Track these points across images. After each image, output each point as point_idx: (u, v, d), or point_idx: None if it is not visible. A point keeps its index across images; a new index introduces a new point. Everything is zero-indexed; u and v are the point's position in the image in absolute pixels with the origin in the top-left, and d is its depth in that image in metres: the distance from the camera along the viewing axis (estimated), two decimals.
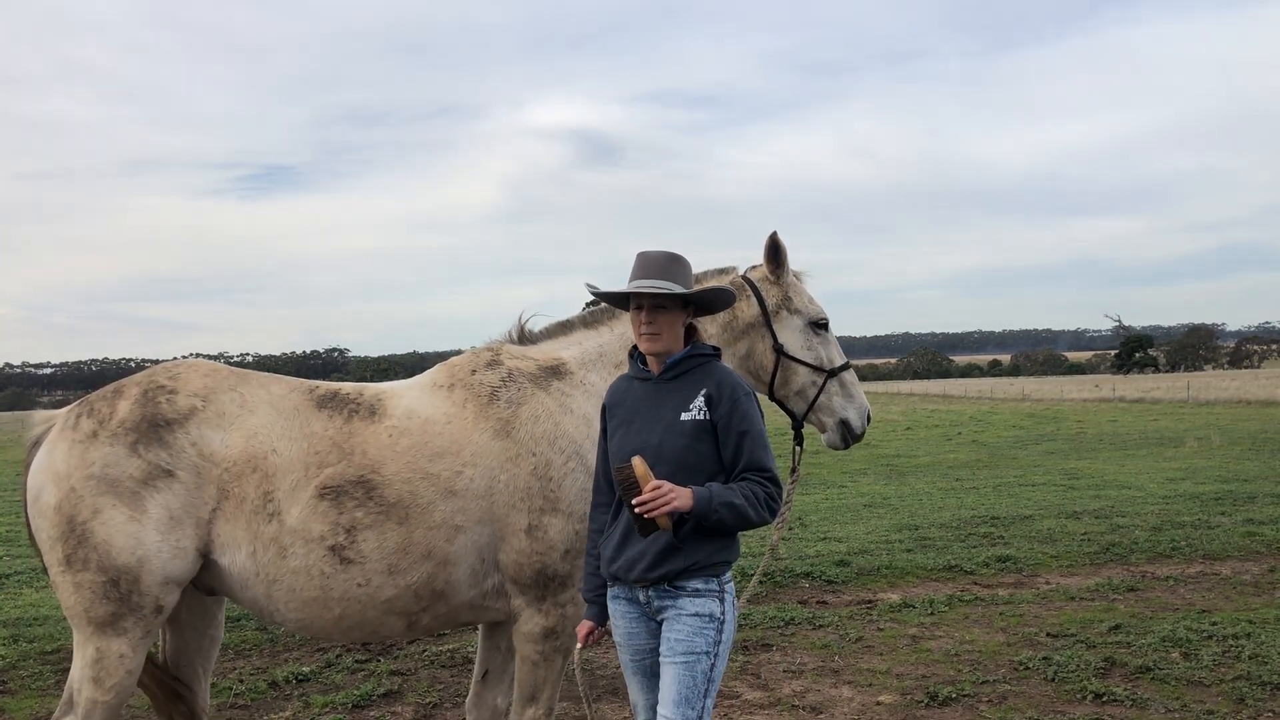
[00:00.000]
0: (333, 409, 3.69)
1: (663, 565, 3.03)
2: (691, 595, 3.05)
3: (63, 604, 3.53)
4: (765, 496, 3.03)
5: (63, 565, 3.47)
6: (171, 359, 5.57)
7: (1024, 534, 10.58)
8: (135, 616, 3.46)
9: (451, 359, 4.00)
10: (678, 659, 3.01)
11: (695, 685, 3.00)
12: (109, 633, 3.46)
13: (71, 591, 3.47)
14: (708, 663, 3.03)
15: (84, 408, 3.64)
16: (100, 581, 3.42)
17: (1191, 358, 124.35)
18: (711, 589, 3.08)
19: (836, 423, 4.08)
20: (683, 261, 3.23)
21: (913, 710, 5.39)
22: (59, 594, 3.53)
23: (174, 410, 3.55)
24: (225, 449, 3.53)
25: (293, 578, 3.49)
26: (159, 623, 3.56)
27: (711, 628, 3.05)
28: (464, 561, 3.60)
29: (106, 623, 3.45)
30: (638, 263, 3.21)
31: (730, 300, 3.36)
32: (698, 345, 3.24)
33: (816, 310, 4.09)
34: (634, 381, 3.26)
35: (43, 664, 6.61)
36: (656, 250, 3.22)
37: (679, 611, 3.05)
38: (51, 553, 3.50)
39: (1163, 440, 23.38)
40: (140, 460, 3.46)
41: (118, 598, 3.42)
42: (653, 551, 3.03)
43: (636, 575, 3.06)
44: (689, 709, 2.97)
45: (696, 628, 3.03)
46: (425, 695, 5.83)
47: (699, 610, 3.04)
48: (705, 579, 3.07)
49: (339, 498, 3.51)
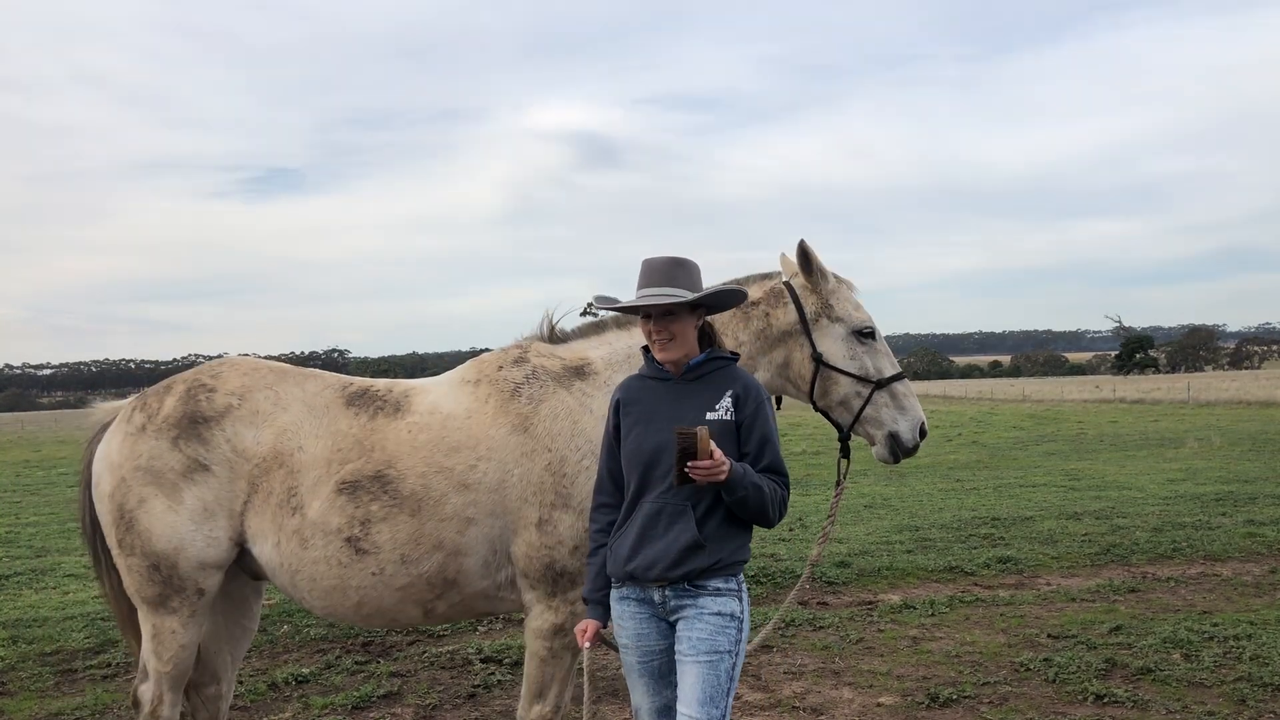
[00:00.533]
0: (360, 406, 3.85)
1: (686, 564, 3.03)
2: (713, 594, 3.06)
3: (124, 584, 3.88)
4: (781, 498, 3.11)
5: (117, 549, 3.80)
6: (171, 360, 5.58)
7: (1025, 535, 10.57)
8: (180, 598, 3.75)
9: (482, 355, 4.07)
10: (701, 658, 3.01)
11: (719, 684, 3.00)
12: (161, 611, 3.77)
13: (126, 573, 3.81)
14: (730, 661, 3.03)
15: (140, 401, 3.93)
16: (145, 565, 3.73)
17: (1192, 358, 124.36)
18: (731, 588, 3.09)
19: (885, 435, 3.91)
20: (687, 265, 3.23)
21: (913, 711, 5.38)
22: (121, 575, 3.86)
23: (212, 408, 3.79)
24: (257, 445, 3.75)
25: (313, 567, 3.68)
26: (205, 604, 3.83)
27: (733, 626, 3.06)
28: (475, 552, 3.69)
29: (157, 602, 3.77)
30: (643, 271, 3.22)
31: (738, 298, 3.36)
32: (716, 350, 3.27)
33: (861, 318, 3.94)
34: (649, 380, 3.27)
35: (42, 665, 6.60)
36: (660, 256, 3.22)
37: (700, 610, 3.04)
38: (110, 536, 3.83)
39: (1163, 441, 23.37)
40: (180, 454, 3.73)
41: (161, 580, 3.72)
42: (676, 549, 3.03)
43: (657, 574, 3.05)
44: (714, 708, 2.98)
45: (719, 626, 3.03)
46: (425, 696, 5.82)
47: (721, 609, 3.05)
48: (725, 578, 3.08)
49: (356, 492, 3.67)
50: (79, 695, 5.95)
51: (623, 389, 3.33)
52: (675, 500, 3.06)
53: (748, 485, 2.99)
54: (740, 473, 2.98)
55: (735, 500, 3.01)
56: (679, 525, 3.05)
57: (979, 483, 15.95)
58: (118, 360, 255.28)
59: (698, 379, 3.19)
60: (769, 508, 3.05)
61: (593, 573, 3.29)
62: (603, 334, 4.01)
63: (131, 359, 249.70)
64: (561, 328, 4.08)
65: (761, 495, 3.02)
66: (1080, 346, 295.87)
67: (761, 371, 3.98)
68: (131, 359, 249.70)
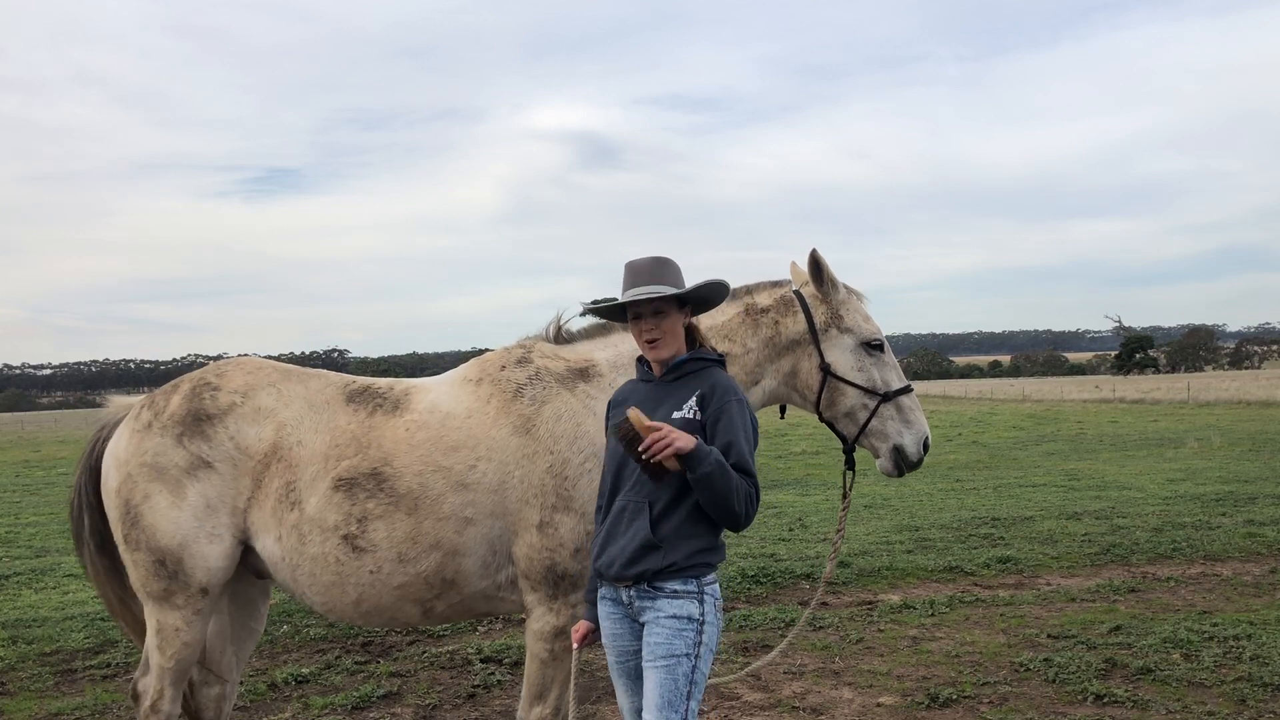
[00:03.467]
0: (359, 403, 3.86)
1: (639, 563, 3.03)
2: (670, 597, 3.05)
3: (130, 578, 3.91)
4: (748, 494, 3.00)
5: (124, 544, 3.82)
6: (170, 360, 5.62)
7: (1024, 535, 10.57)
8: (185, 594, 3.76)
9: (485, 354, 4.04)
10: (659, 663, 3.01)
11: (677, 688, 2.99)
12: (165, 606, 3.79)
13: (133, 567, 3.84)
14: (688, 665, 3.02)
15: (148, 399, 3.97)
16: (150, 560, 3.75)
17: (1192, 358, 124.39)
18: (690, 590, 3.07)
19: (890, 449, 3.89)
20: (670, 264, 3.23)
21: (913, 711, 5.38)
22: (128, 569, 3.89)
23: (215, 406, 3.82)
24: (259, 442, 3.77)
25: (312, 564, 3.69)
26: (210, 602, 3.83)
27: (691, 629, 3.04)
28: (474, 553, 3.68)
29: (161, 597, 3.78)
30: (627, 273, 3.23)
31: (724, 291, 3.35)
32: (699, 350, 3.26)
33: (871, 330, 3.91)
34: (638, 384, 3.32)
35: (42, 665, 6.60)
36: (643, 257, 3.23)
37: (658, 614, 3.05)
38: (116, 532, 3.86)
39: (1163, 441, 23.37)
40: (184, 451, 3.76)
41: (166, 576, 3.74)
42: (632, 548, 3.03)
43: (615, 572, 3.07)
44: (672, 712, 2.97)
45: (675, 630, 3.03)
46: (425, 696, 5.82)
47: (676, 612, 3.04)
48: (684, 580, 3.06)
49: (352, 489, 3.67)
50: (79, 695, 5.95)
51: (619, 392, 3.37)
52: (637, 498, 3.07)
53: (712, 462, 2.91)
54: (706, 449, 2.92)
55: (698, 477, 2.91)
56: (637, 523, 3.05)
57: (979, 483, 15.95)
58: (117, 360, 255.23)
59: (677, 379, 3.19)
60: (733, 496, 2.94)
61: (592, 574, 3.31)
62: (609, 335, 3.97)
63: (131, 359, 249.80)
64: (568, 329, 4.04)
65: (727, 477, 2.92)
66: (1080, 346, 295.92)
67: (769, 379, 3.95)
68: (131, 359, 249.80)
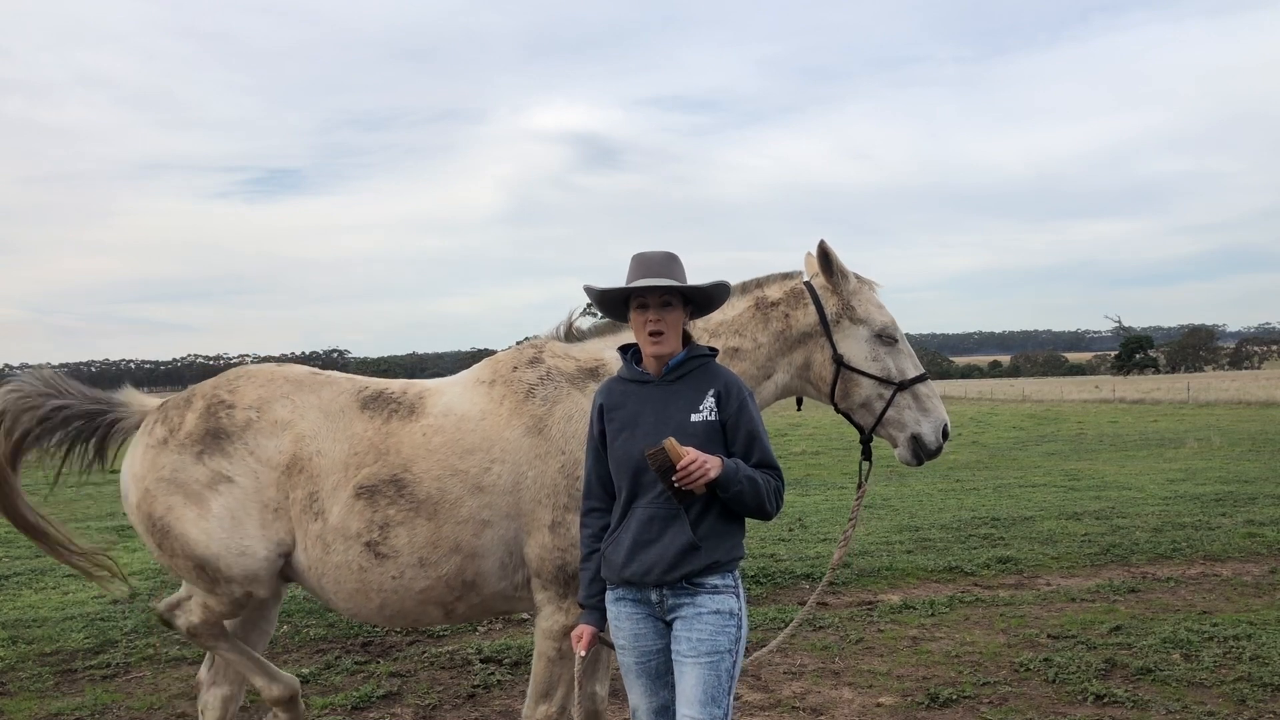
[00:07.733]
0: (375, 409, 3.86)
1: (683, 565, 3.01)
2: (711, 592, 3.04)
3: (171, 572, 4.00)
4: (775, 489, 3.06)
5: (158, 550, 3.88)
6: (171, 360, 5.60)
7: (1024, 535, 10.57)
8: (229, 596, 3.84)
9: (498, 354, 4.04)
10: (702, 659, 2.99)
11: (720, 684, 2.98)
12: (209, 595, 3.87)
13: (174, 571, 3.93)
14: (730, 660, 3.02)
15: (161, 414, 3.98)
16: (191, 566, 3.81)
17: (1192, 359, 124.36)
18: (729, 584, 3.07)
19: (908, 438, 3.90)
20: (680, 261, 3.21)
21: (913, 712, 5.38)
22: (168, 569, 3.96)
23: (232, 423, 3.84)
24: (279, 454, 3.79)
25: (336, 571, 3.73)
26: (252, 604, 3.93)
27: (732, 625, 3.04)
28: (492, 554, 3.70)
29: (207, 590, 3.86)
30: (635, 264, 3.16)
31: (726, 294, 3.31)
32: (695, 346, 3.22)
33: (884, 320, 3.89)
34: (630, 384, 3.21)
35: (41, 665, 6.60)
36: (654, 250, 3.18)
37: (699, 610, 3.02)
38: (150, 543, 3.91)
39: (1163, 441, 23.36)
40: (205, 468, 3.79)
41: (209, 579, 3.81)
42: (672, 553, 3.01)
43: (655, 579, 3.03)
44: (715, 708, 2.96)
45: (719, 625, 3.01)
46: (425, 697, 5.82)
47: (719, 608, 3.03)
48: (722, 574, 3.06)
49: (373, 496, 3.69)
50: (78, 695, 5.95)
51: (604, 392, 3.25)
52: (668, 505, 3.03)
53: (741, 480, 2.96)
54: (732, 468, 2.96)
55: (730, 496, 2.97)
56: (673, 529, 3.02)
57: (979, 483, 15.94)
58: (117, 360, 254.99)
59: (679, 379, 3.14)
60: (765, 500, 3.02)
61: (587, 578, 3.25)
62: (619, 333, 3.95)
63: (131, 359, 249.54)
64: (579, 327, 4.03)
65: (756, 488, 2.99)
66: (1080, 346, 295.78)
67: (781, 373, 3.94)
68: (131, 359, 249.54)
